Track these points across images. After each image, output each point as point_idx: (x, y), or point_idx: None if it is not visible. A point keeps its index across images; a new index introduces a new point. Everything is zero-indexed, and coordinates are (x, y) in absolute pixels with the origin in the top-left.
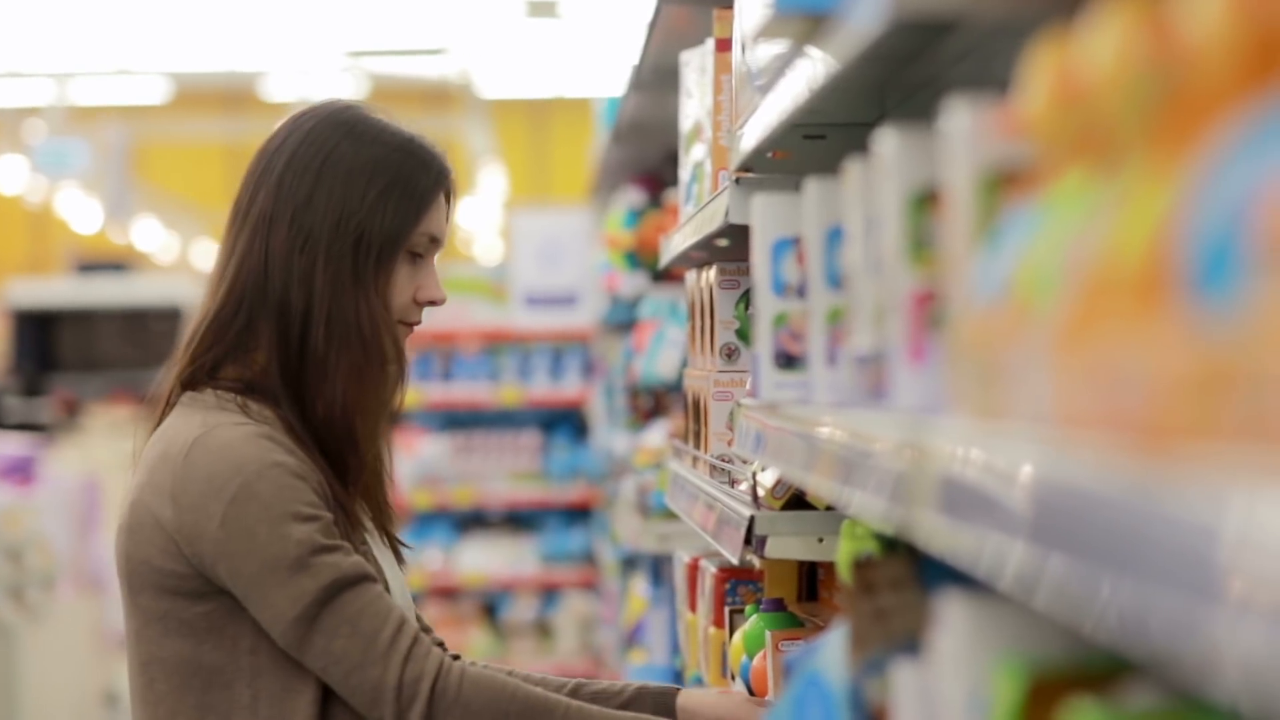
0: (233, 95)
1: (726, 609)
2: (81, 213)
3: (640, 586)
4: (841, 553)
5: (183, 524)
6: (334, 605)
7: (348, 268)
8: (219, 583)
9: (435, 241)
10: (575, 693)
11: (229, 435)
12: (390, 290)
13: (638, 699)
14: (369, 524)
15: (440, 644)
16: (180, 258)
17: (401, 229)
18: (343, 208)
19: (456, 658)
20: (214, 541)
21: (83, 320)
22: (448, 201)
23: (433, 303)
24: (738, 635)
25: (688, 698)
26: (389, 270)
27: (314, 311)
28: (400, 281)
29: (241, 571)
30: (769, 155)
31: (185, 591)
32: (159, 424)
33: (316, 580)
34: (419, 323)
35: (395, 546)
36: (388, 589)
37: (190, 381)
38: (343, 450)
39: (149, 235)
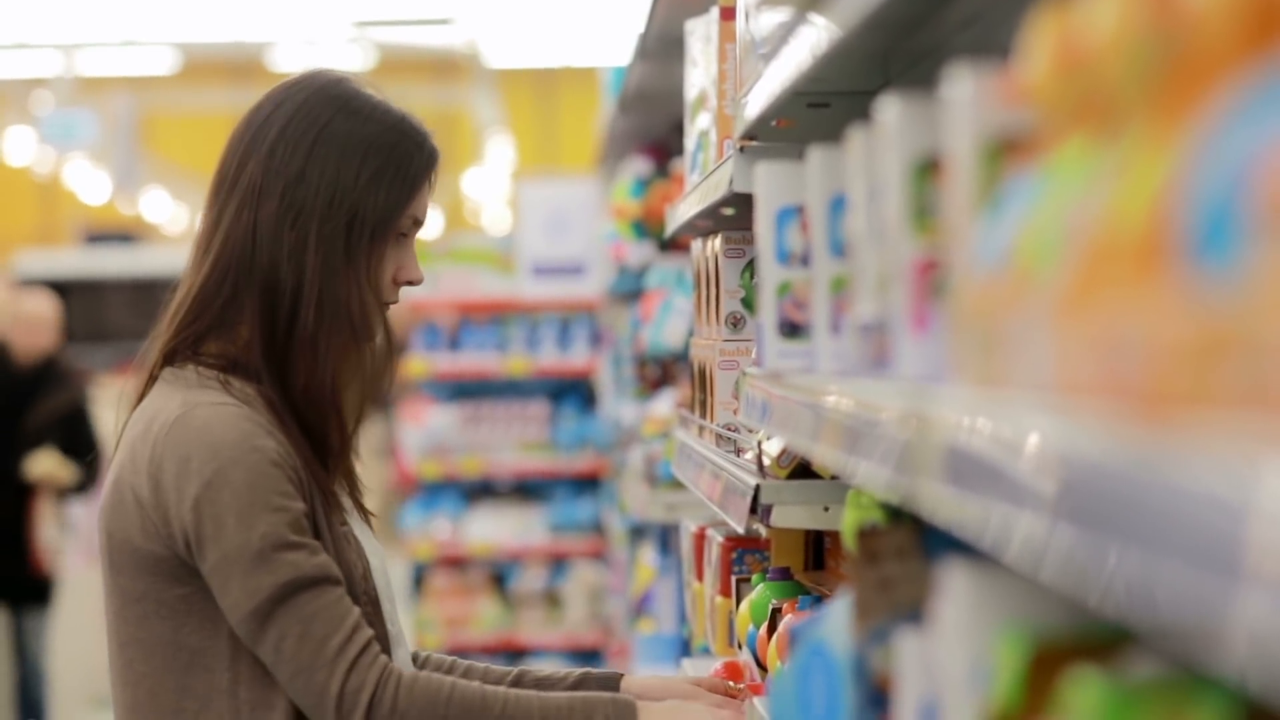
0: (240, 65)
1: (733, 578)
2: (90, 184)
3: (648, 556)
4: (847, 522)
5: (158, 503)
6: (289, 604)
7: (340, 247)
8: (192, 563)
9: (418, 223)
10: (518, 682)
11: (208, 415)
12: (380, 270)
13: (582, 683)
14: (347, 502)
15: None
16: (188, 228)
17: (394, 210)
18: (336, 186)
19: (427, 661)
20: (183, 524)
21: (91, 291)
22: (431, 184)
23: (411, 283)
24: (744, 604)
25: (631, 681)
26: (380, 250)
27: (305, 290)
28: (385, 261)
29: (206, 557)
30: (773, 124)
31: (165, 573)
32: (141, 400)
33: (274, 577)
34: (396, 302)
35: (368, 518)
36: (368, 569)
37: (173, 356)
38: (326, 428)
39: (157, 206)
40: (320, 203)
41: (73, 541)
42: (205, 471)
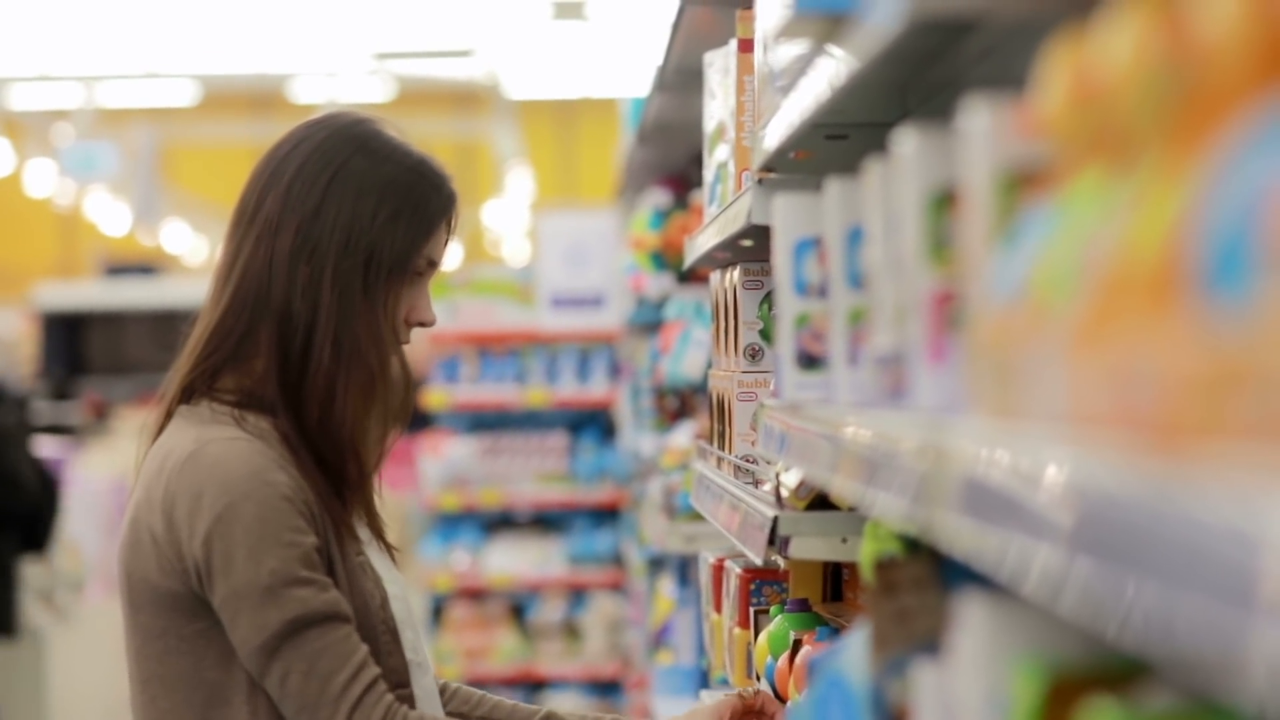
0: (261, 97)
1: (751, 609)
2: (110, 215)
3: (667, 587)
4: (864, 553)
5: (171, 539)
6: (295, 641)
7: (358, 285)
8: (202, 595)
9: (433, 265)
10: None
11: (221, 451)
12: (396, 309)
13: None
14: (364, 533)
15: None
16: (209, 260)
17: (410, 250)
18: (352, 225)
19: (455, 694)
20: (195, 559)
21: (112, 323)
22: (449, 226)
23: (423, 324)
24: (763, 636)
25: None
26: (397, 290)
27: (319, 325)
28: (400, 301)
29: (216, 592)
30: (791, 156)
31: (183, 609)
32: (158, 436)
33: (282, 613)
34: (408, 342)
35: (390, 550)
36: (386, 598)
37: (189, 390)
38: (342, 462)
39: (177, 238)
40: (336, 240)
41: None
42: (216, 507)
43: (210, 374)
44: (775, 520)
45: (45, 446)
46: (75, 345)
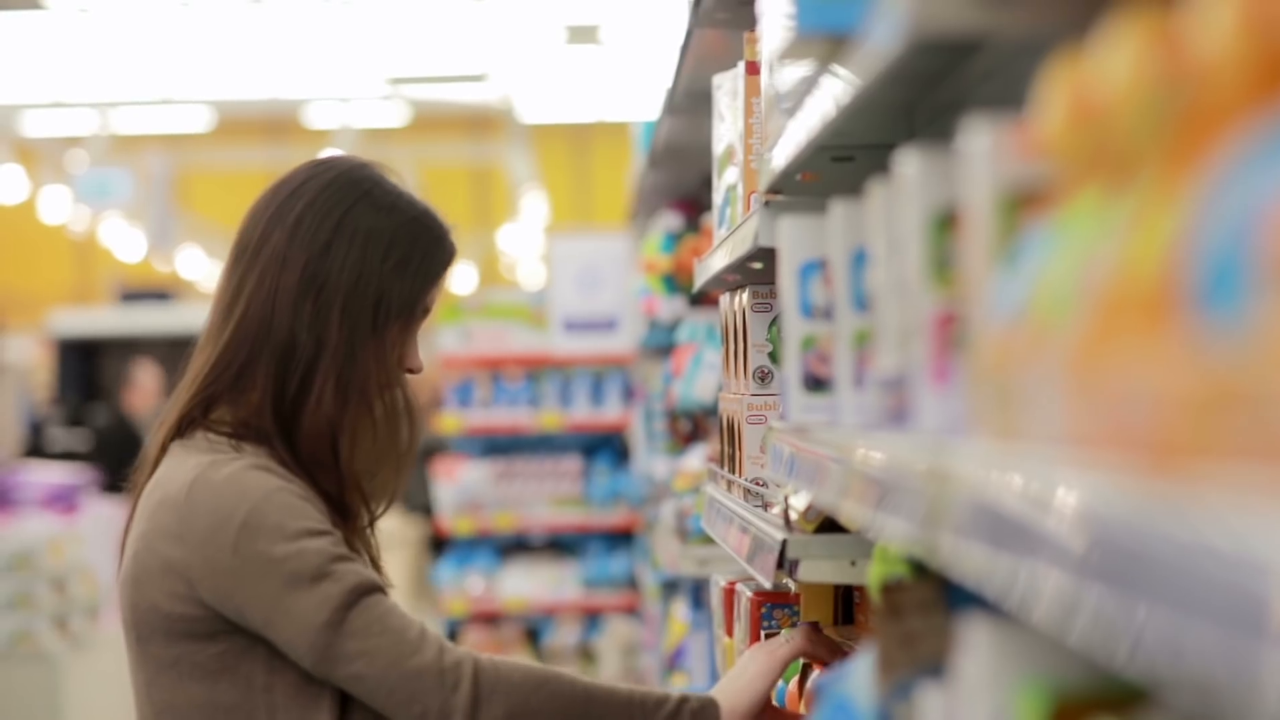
0: (275, 123)
1: (763, 633)
2: (125, 242)
3: (681, 611)
4: (872, 576)
5: (193, 562)
6: (360, 607)
7: (367, 324)
8: (233, 617)
9: (427, 313)
10: None
11: (228, 469)
12: (401, 352)
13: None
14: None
15: None
16: None
17: (416, 297)
18: (362, 266)
19: None
20: (228, 572)
21: (126, 349)
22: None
23: (412, 371)
24: None
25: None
26: (403, 334)
27: (321, 362)
28: (400, 345)
29: (262, 595)
30: (798, 178)
31: (197, 634)
32: (153, 472)
33: (341, 584)
34: (399, 387)
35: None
36: None
37: (184, 423)
38: (344, 495)
39: (192, 264)
40: (346, 279)
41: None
42: (238, 516)
43: (205, 404)
44: (784, 543)
45: (59, 473)
46: (90, 372)
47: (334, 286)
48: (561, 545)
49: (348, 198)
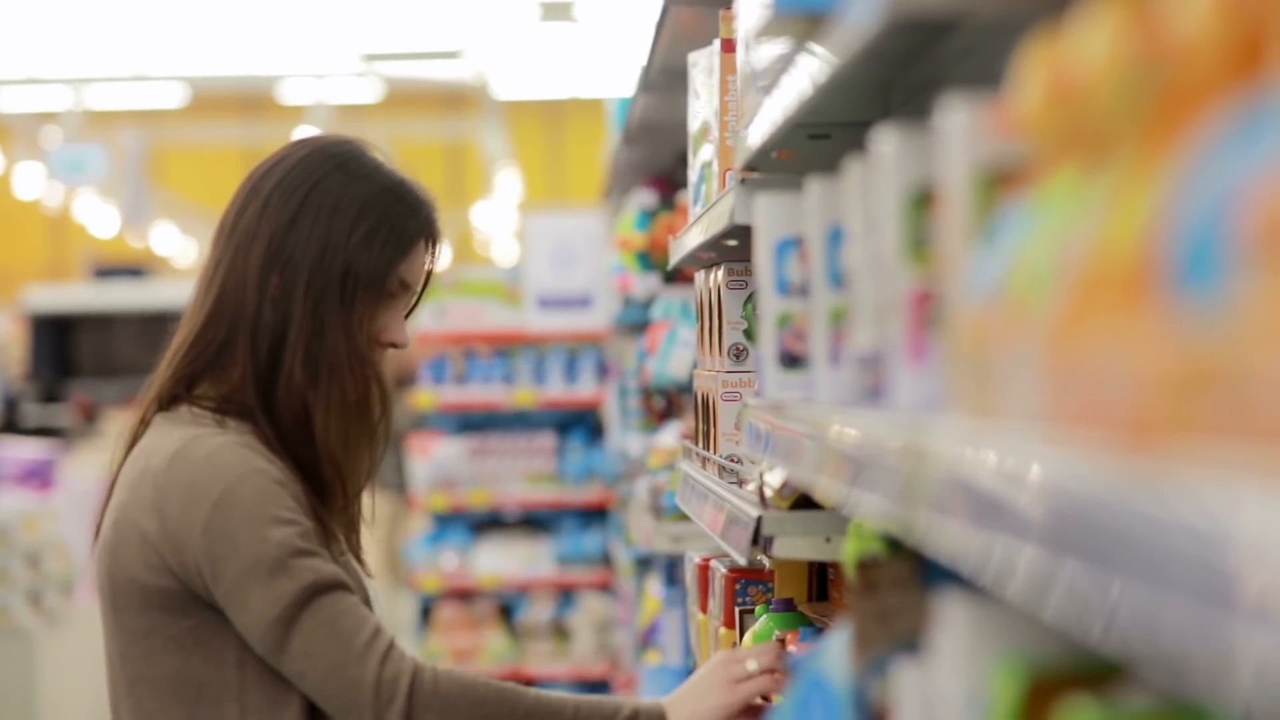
0: (249, 99)
1: (737, 609)
2: (99, 218)
3: (655, 587)
4: (848, 553)
5: (167, 534)
6: (313, 607)
7: (334, 298)
8: (202, 593)
9: (406, 288)
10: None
11: (210, 445)
12: (371, 326)
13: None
14: (342, 540)
15: None
16: (198, 262)
17: (385, 269)
18: (327, 239)
19: None
20: (197, 549)
21: (100, 325)
22: (430, 250)
23: (394, 345)
24: (748, 635)
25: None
26: (372, 308)
27: (289, 337)
28: (373, 319)
29: (223, 576)
30: (774, 155)
31: (171, 606)
32: (134, 444)
33: (296, 581)
34: (379, 362)
35: (364, 566)
36: (367, 601)
37: (167, 398)
38: (318, 467)
39: (167, 240)
40: (311, 254)
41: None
42: (212, 494)
43: (189, 382)
44: (759, 520)
45: (33, 448)
46: (64, 348)
47: (299, 259)
48: (536, 522)
49: (319, 170)
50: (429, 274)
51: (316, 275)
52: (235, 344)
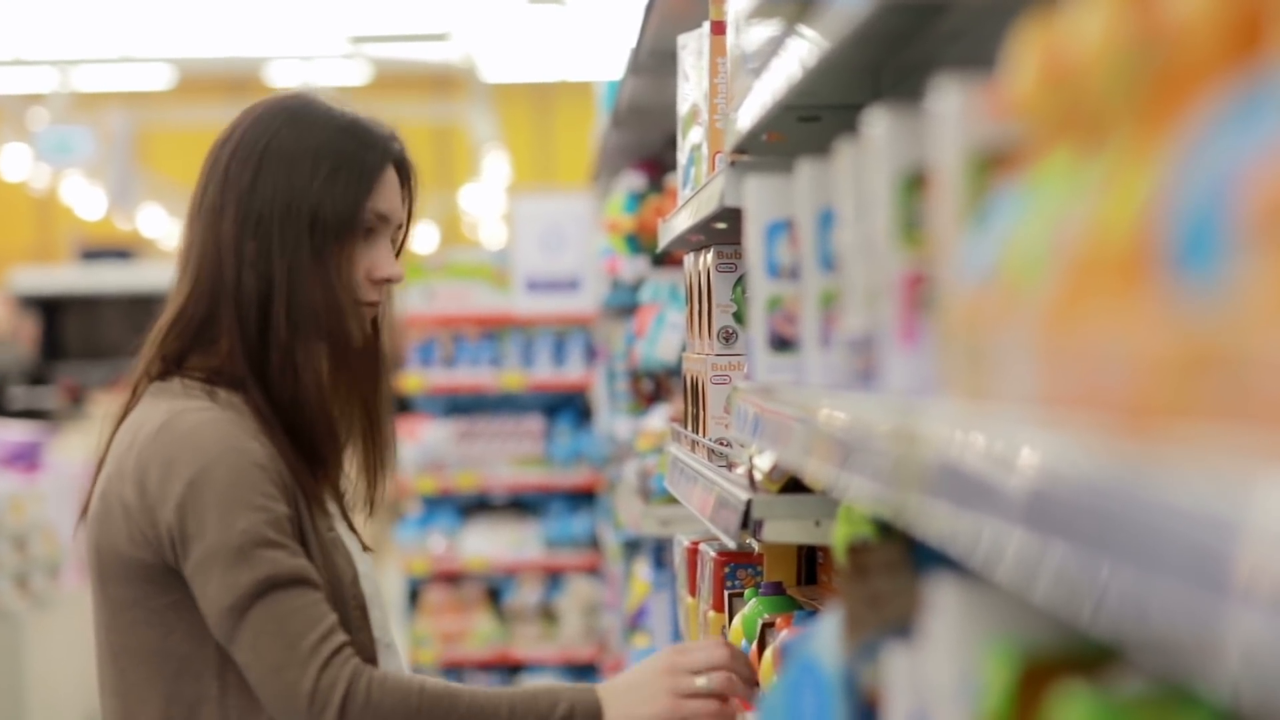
0: (236, 81)
1: (726, 593)
2: (86, 200)
3: (643, 570)
4: (837, 537)
5: (145, 507)
6: (266, 601)
7: (306, 250)
8: (177, 568)
9: (384, 219)
10: None
11: (194, 420)
12: (350, 269)
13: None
14: (334, 510)
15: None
16: None
17: (353, 207)
18: (290, 192)
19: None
20: (169, 525)
21: (87, 307)
22: (403, 180)
23: (389, 280)
24: (737, 619)
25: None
26: (348, 250)
27: (273, 298)
28: (355, 260)
29: (189, 556)
30: (764, 138)
31: (154, 580)
32: (125, 417)
33: (253, 573)
34: (378, 301)
35: (357, 532)
36: (356, 575)
37: (156, 373)
38: (314, 436)
39: (153, 222)
40: (277, 210)
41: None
42: (188, 472)
43: (176, 358)
44: (748, 503)
45: (20, 431)
46: (51, 330)
47: (268, 219)
48: (523, 505)
49: (270, 128)
50: (411, 199)
51: (287, 230)
52: (218, 318)
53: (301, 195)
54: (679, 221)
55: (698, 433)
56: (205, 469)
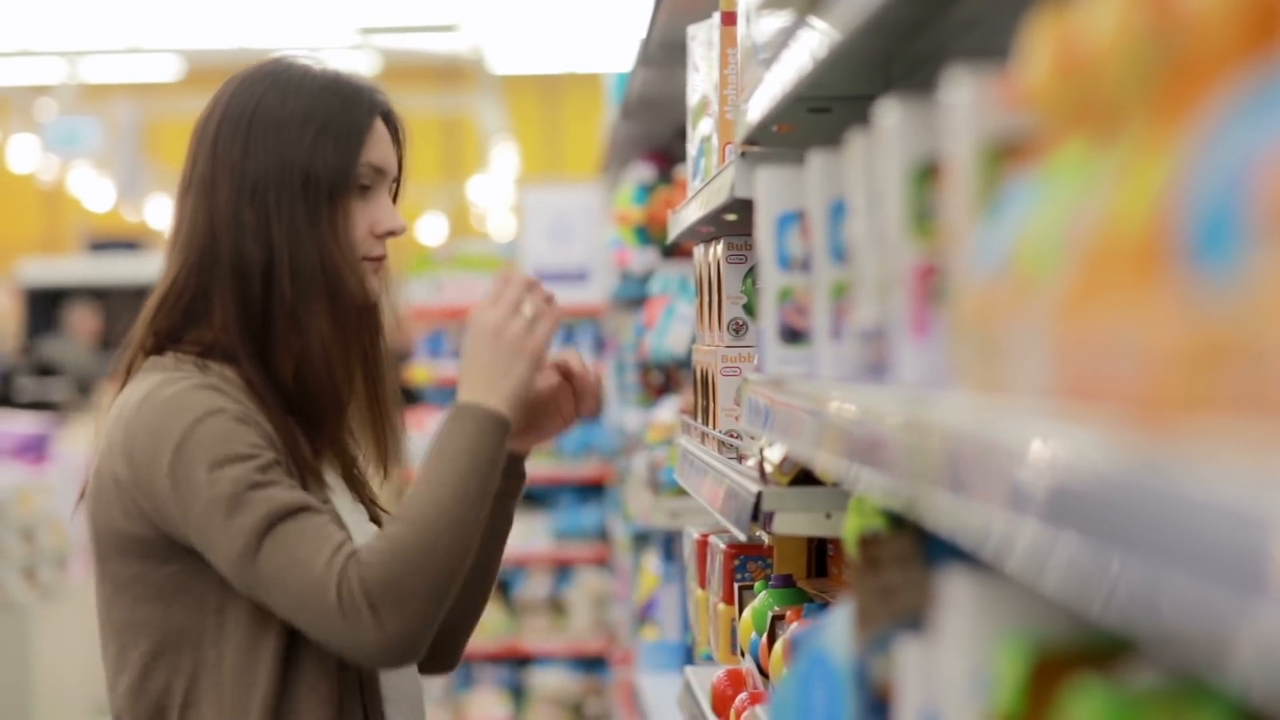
0: None
1: (736, 585)
2: (94, 191)
3: (652, 563)
4: (849, 529)
5: (138, 480)
6: (271, 538)
7: (302, 213)
8: (179, 538)
9: (380, 172)
10: None
11: (174, 389)
12: (350, 228)
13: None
14: (333, 481)
15: None
16: None
17: (346, 164)
18: (281, 156)
19: None
20: (165, 494)
21: (95, 299)
22: (392, 132)
23: (391, 233)
24: (747, 611)
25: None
26: (345, 207)
27: (276, 264)
28: (354, 217)
29: (192, 520)
30: (775, 129)
31: (152, 554)
32: (120, 393)
33: (252, 515)
34: (383, 256)
35: (366, 502)
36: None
37: (151, 350)
38: (319, 402)
39: (161, 213)
40: (271, 175)
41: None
42: (175, 437)
43: (168, 334)
44: (759, 496)
45: (28, 422)
46: (59, 321)
47: (263, 185)
48: (532, 497)
49: (254, 95)
50: (401, 149)
51: (283, 194)
52: (210, 293)
53: (293, 158)
54: (689, 213)
55: (708, 425)
56: (188, 431)
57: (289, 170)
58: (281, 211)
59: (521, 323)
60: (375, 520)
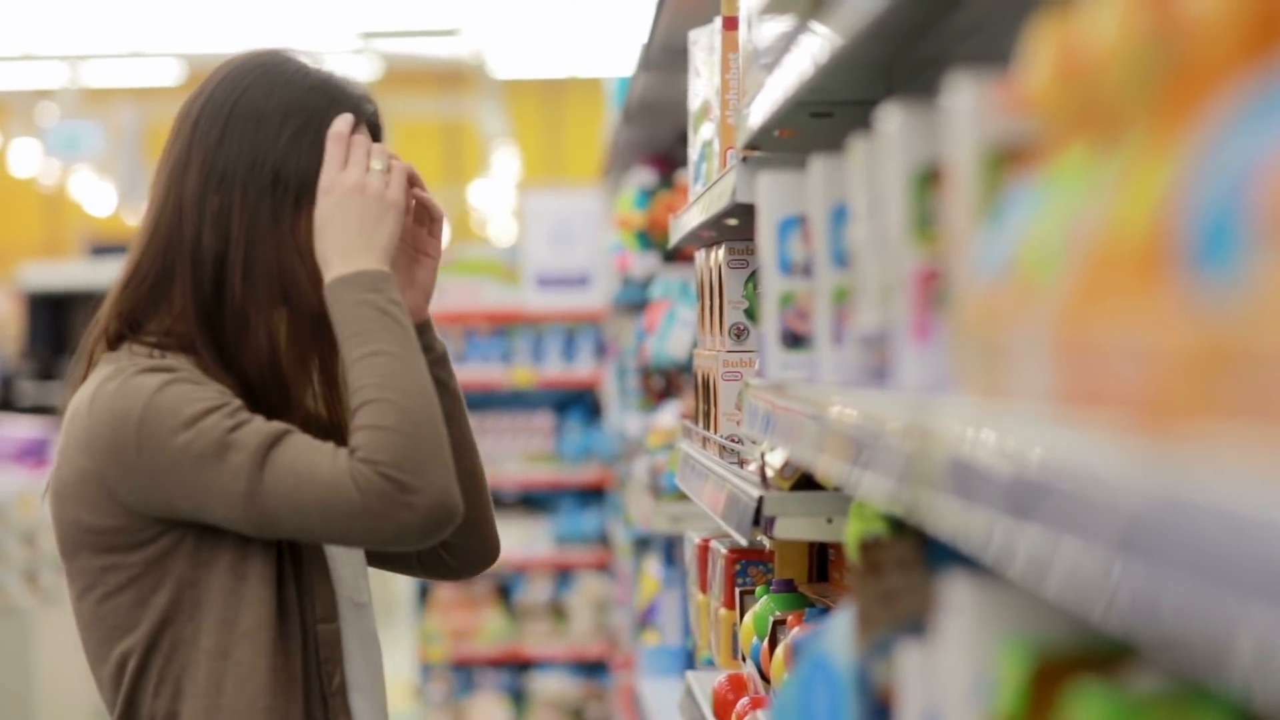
0: None
1: (737, 590)
2: (95, 195)
3: (653, 567)
4: (850, 534)
5: (106, 469)
6: (270, 464)
7: (266, 210)
8: (164, 514)
9: None
10: None
11: (122, 376)
12: (310, 231)
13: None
14: None
15: None
16: None
17: (317, 168)
18: (255, 149)
19: None
20: (141, 471)
21: (97, 303)
22: (373, 139)
23: None
24: (748, 616)
25: None
26: (309, 211)
27: (230, 256)
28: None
29: (181, 484)
30: (776, 134)
31: (121, 544)
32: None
33: (244, 451)
34: None
35: None
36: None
37: (110, 339)
38: (270, 401)
39: None
40: (241, 167)
41: None
42: (135, 415)
43: (130, 321)
44: (760, 500)
45: (29, 426)
46: (60, 325)
47: (232, 174)
48: (533, 502)
49: (242, 83)
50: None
51: (250, 187)
52: (173, 275)
53: (266, 152)
54: (690, 217)
55: (709, 429)
56: (149, 405)
57: (260, 165)
58: (245, 205)
59: (378, 176)
60: None
